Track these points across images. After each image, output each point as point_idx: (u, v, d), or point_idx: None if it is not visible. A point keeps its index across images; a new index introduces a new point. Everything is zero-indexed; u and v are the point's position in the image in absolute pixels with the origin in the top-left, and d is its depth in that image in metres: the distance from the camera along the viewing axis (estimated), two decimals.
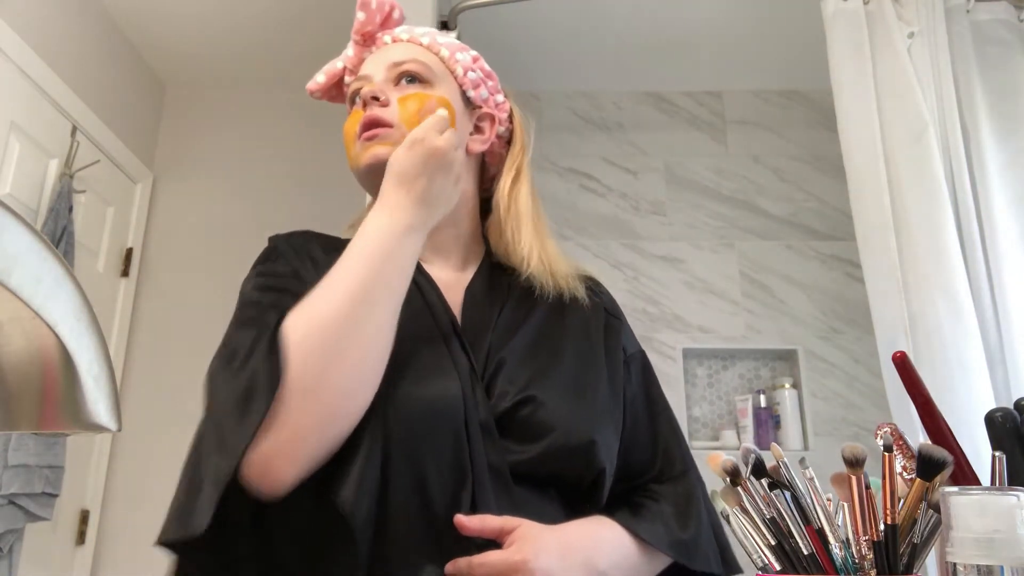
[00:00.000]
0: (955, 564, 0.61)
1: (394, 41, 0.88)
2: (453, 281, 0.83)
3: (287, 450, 0.60)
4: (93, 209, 2.38)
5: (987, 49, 1.62)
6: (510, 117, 0.92)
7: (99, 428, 0.62)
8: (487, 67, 0.90)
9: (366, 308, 0.65)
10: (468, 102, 0.87)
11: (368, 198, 0.90)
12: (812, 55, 1.86)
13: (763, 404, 2.41)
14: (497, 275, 0.86)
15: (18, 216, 0.54)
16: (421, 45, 0.87)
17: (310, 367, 0.61)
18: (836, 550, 0.78)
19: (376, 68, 0.85)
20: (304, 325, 0.63)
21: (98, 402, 0.61)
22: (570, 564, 0.66)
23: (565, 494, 0.74)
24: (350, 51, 0.90)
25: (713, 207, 2.64)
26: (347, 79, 0.91)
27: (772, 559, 0.81)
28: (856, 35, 1.61)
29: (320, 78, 0.92)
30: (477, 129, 0.88)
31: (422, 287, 0.79)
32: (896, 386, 1.08)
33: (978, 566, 0.59)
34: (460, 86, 0.87)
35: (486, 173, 0.91)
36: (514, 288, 0.84)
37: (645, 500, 0.79)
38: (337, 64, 0.91)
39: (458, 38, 2.02)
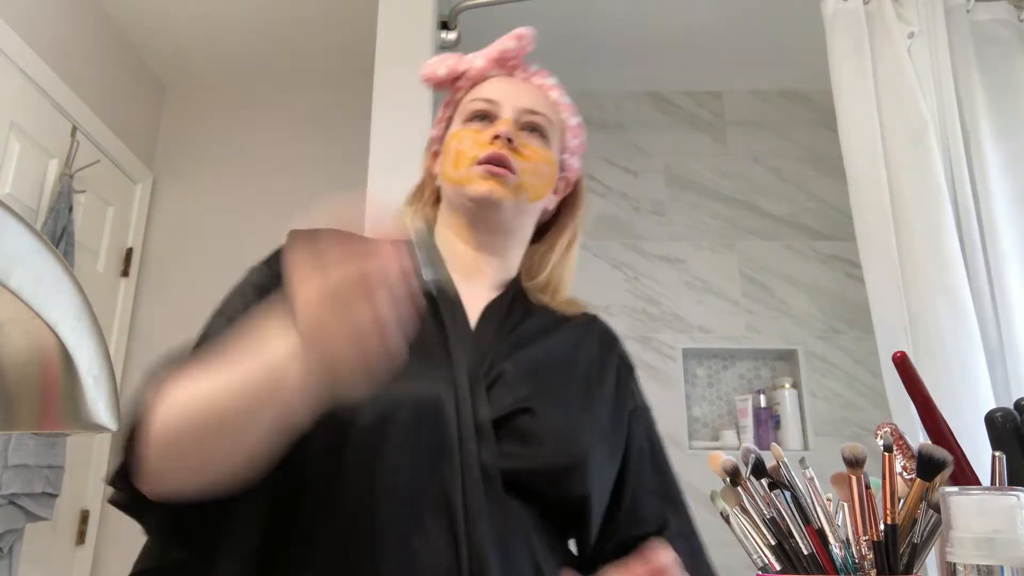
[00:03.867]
0: (955, 564, 0.61)
1: (524, 80, 0.92)
2: (478, 297, 0.85)
3: (158, 477, 0.61)
4: (93, 209, 2.37)
5: (987, 49, 1.62)
6: (576, 180, 0.98)
7: (99, 428, 0.62)
8: (583, 135, 0.96)
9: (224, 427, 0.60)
10: (559, 164, 0.92)
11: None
12: (812, 55, 1.86)
13: (763, 404, 2.41)
14: (521, 297, 0.88)
15: (18, 216, 0.54)
16: (548, 99, 0.92)
17: (163, 448, 0.61)
18: (836, 550, 0.78)
19: (507, 99, 0.88)
20: (176, 406, 0.62)
21: (98, 402, 0.61)
22: None
23: (550, 513, 0.74)
24: (479, 62, 0.92)
25: (713, 207, 2.64)
26: (461, 82, 0.93)
27: (772, 559, 0.81)
28: (856, 35, 1.61)
29: (441, 71, 0.93)
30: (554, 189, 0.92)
31: (439, 301, 0.80)
32: (896, 386, 1.08)
33: (978, 566, 0.59)
34: (562, 150, 0.92)
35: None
36: (534, 311, 0.87)
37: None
38: (460, 67, 0.92)
39: (458, 38, 2.00)
